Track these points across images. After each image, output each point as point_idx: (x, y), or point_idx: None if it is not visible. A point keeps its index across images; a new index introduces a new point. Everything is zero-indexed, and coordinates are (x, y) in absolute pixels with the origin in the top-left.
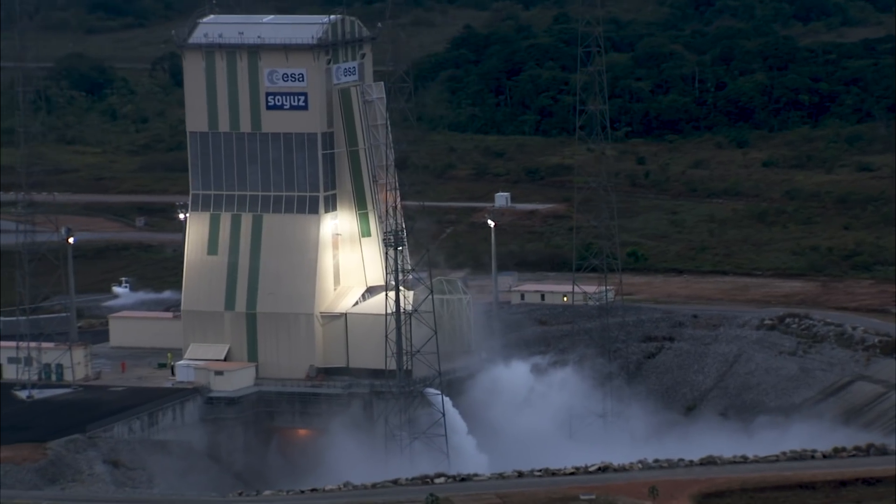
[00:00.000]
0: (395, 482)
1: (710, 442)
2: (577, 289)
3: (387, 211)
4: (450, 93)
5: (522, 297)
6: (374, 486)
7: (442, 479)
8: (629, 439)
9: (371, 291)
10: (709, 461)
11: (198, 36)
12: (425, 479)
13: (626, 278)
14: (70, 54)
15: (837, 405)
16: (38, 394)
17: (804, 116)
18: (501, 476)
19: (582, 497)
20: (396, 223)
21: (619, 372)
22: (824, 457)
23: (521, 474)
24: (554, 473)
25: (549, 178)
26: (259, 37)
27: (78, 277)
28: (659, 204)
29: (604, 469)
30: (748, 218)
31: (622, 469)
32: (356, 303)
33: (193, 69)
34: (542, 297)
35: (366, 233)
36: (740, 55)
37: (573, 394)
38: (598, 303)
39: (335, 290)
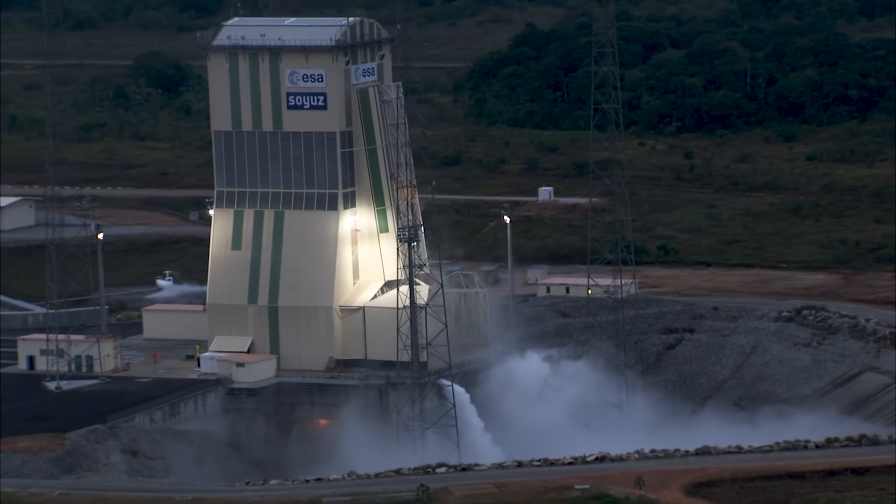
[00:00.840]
0: (398, 471)
1: (718, 432)
2: (592, 281)
3: (407, 206)
4: (510, 89)
5: (548, 289)
6: (377, 475)
7: (443, 469)
8: (642, 429)
9: (389, 286)
10: (704, 451)
11: (222, 38)
12: (427, 469)
13: (654, 271)
14: (148, 52)
15: (844, 396)
16: (66, 385)
17: (852, 111)
18: (501, 466)
19: (576, 487)
20: (411, 219)
21: (633, 363)
22: (817, 447)
23: (520, 464)
24: (552, 463)
25: (599, 171)
26: (279, 39)
27: (129, 270)
28: (699, 198)
29: (601, 459)
30: (783, 211)
31: (619, 459)
32: (374, 297)
33: (218, 70)
34: (567, 289)
35: (384, 228)
36: (792, 51)
37: (588, 385)
38: (611, 296)
39: (354, 284)
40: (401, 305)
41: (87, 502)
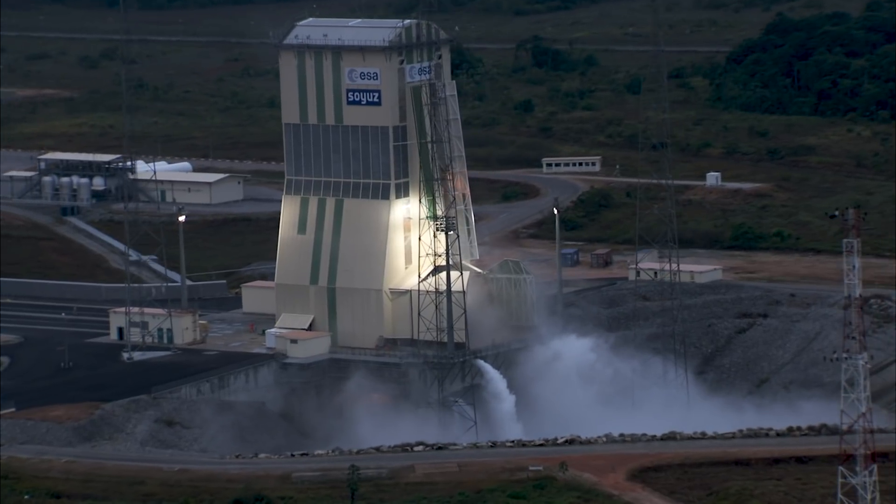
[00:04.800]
0: (378, 449)
1: (734, 415)
2: (640, 266)
3: (449, 197)
4: (749, 75)
5: (637, 273)
6: (358, 452)
7: (420, 447)
8: (681, 409)
9: (437, 271)
10: (669, 437)
11: (291, 37)
12: (405, 447)
13: (762, 256)
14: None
15: (872, 385)
16: (137, 356)
17: None
18: (476, 446)
19: (530, 468)
20: (446, 210)
21: (682, 346)
22: (778, 435)
23: (494, 444)
24: (524, 444)
25: (789, 157)
26: (339, 39)
27: (263, 247)
28: (864, 185)
29: (570, 442)
30: None
31: (587, 442)
32: (422, 280)
33: (288, 67)
34: (655, 274)
35: (433, 218)
36: None
37: (633, 366)
38: (659, 281)
39: (406, 268)
40: (442, 290)
41: (85, 470)
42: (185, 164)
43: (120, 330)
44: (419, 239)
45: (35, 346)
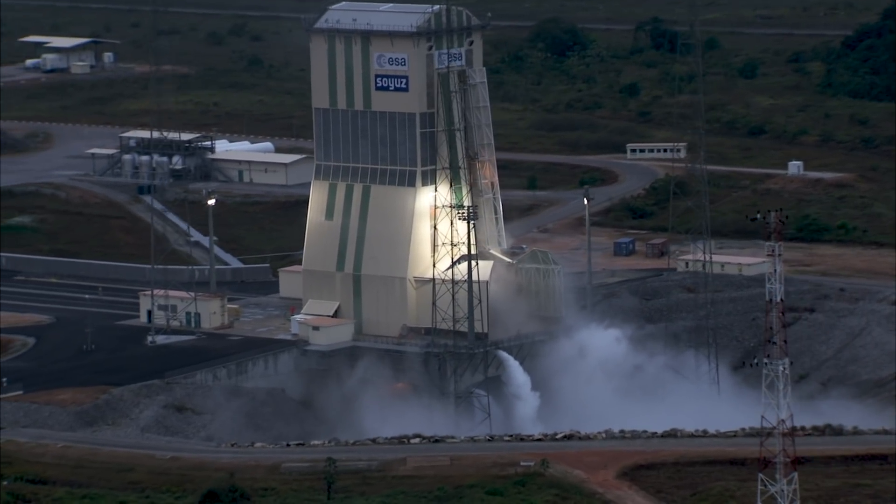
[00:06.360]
0: (374, 440)
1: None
2: (688, 258)
3: (477, 185)
4: (861, 61)
5: (687, 265)
6: (355, 443)
7: (417, 440)
8: (712, 403)
9: (463, 259)
10: (669, 434)
11: (322, 21)
12: (401, 439)
13: (820, 248)
14: (546, 20)
15: None
16: (161, 339)
17: None
18: (473, 440)
19: (521, 463)
20: (470, 199)
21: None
22: (783, 435)
23: (491, 438)
24: (522, 439)
25: (883, 146)
26: (368, 24)
27: None
28: None
29: (569, 437)
30: None
31: (586, 438)
32: (447, 269)
33: (318, 51)
34: (703, 265)
35: (459, 206)
36: None
37: (667, 359)
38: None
39: (432, 257)
40: (458, 279)
41: (78, 455)
42: (268, 145)
43: (149, 313)
44: (434, 228)
45: (64, 327)
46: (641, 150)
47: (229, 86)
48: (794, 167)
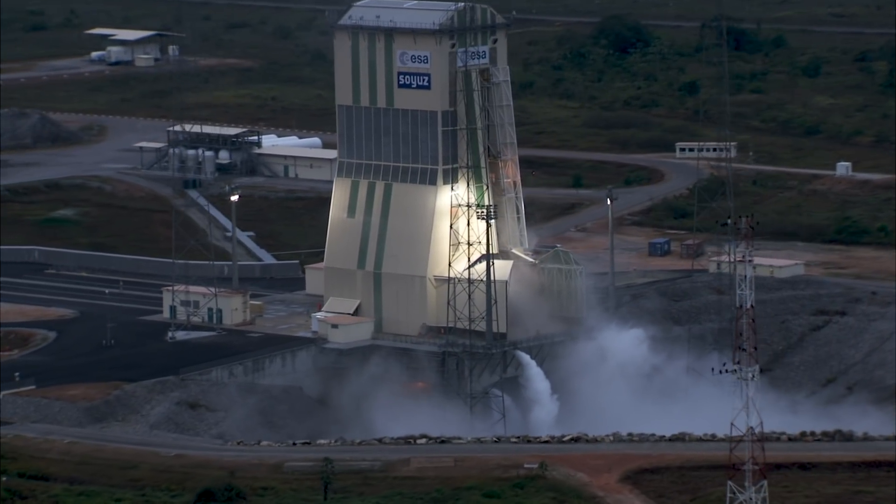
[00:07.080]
0: (380, 440)
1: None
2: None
3: (498, 184)
4: None
5: (718, 266)
6: (360, 442)
7: (423, 440)
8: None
9: (483, 259)
10: (678, 437)
11: (346, 18)
12: (407, 440)
13: (858, 251)
14: (610, 16)
15: None
16: (181, 335)
17: None
18: (479, 441)
19: (525, 465)
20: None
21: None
22: (790, 439)
23: (498, 439)
24: (529, 441)
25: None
26: (391, 21)
27: None
28: None
29: (576, 440)
30: None
31: (593, 440)
32: (465, 269)
33: (342, 48)
34: (730, 267)
35: (479, 206)
36: None
37: (690, 361)
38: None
39: (454, 255)
40: (475, 279)
41: (83, 452)
42: (315, 140)
43: (172, 308)
44: (451, 227)
45: (87, 321)
46: (691, 149)
47: (290, 80)
48: (843, 168)
